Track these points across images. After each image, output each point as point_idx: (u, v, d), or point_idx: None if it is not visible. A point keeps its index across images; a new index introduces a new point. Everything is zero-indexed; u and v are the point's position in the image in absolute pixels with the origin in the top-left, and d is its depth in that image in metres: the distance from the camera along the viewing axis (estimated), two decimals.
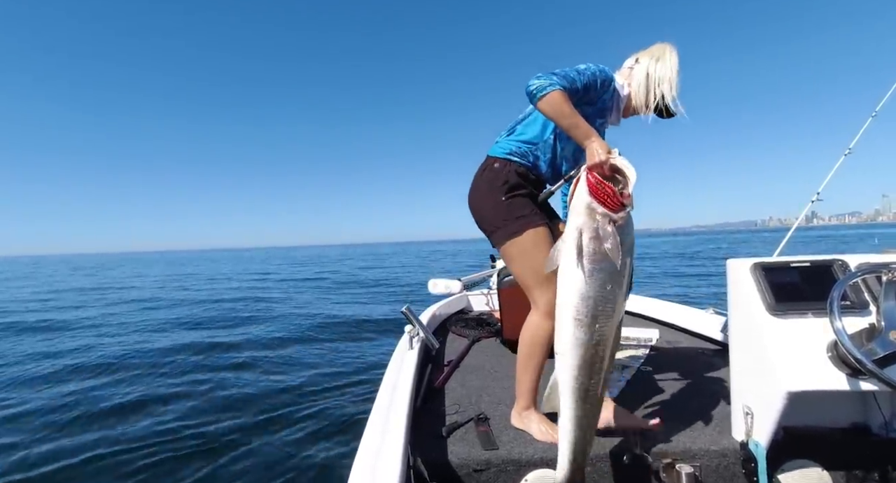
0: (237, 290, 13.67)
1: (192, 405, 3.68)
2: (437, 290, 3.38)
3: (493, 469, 1.26)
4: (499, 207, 1.44)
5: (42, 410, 3.58)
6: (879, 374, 0.96)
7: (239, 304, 10.24)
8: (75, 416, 3.43)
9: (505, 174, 1.46)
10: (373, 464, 1.02)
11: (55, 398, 3.87)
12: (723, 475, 1.27)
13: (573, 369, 1.08)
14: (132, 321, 8.23)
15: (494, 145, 1.55)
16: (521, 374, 1.47)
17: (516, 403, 1.50)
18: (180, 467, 2.63)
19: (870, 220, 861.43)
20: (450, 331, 2.95)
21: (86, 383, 4.34)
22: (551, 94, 1.26)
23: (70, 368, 4.89)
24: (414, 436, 1.32)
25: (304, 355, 5.34)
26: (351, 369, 4.59)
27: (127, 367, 4.92)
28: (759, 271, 1.25)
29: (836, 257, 1.26)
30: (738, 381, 1.30)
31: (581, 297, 1.07)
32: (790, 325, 1.16)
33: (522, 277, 1.44)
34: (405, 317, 2.23)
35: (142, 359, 5.21)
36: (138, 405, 3.67)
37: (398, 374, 1.68)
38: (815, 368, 1.10)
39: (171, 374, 4.66)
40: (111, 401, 3.76)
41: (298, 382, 4.24)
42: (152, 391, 4.03)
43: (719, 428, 1.38)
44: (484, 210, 1.49)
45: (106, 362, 5.07)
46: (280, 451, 2.81)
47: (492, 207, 1.46)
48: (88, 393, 4.01)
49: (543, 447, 1.31)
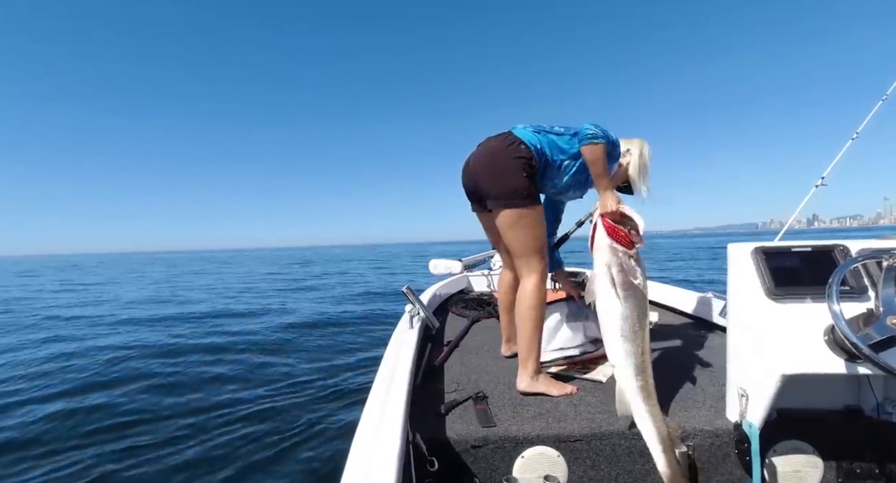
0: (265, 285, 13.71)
1: (196, 381, 3.75)
2: (437, 271, 3.39)
3: (491, 446, 1.28)
4: (520, 180, 1.56)
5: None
6: (875, 358, 0.97)
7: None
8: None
9: (528, 157, 1.59)
10: (372, 439, 1.04)
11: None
12: (716, 455, 1.29)
13: (633, 376, 1.30)
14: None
15: (522, 129, 1.66)
16: (529, 339, 1.58)
17: (525, 369, 1.58)
18: (175, 436, 2.70)
19: (871, 224, 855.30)
20: (450, 311, 2.97)
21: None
22: (600, 145, 1.50)
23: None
24: (413, 413, 1.34)
25: (307, 335, 5.40)
26: (352, 347, 4.65)
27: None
28: (759, 255, 1.25)
29: (837, 242, 1.25)
30: (735, 363, 1.31)
31: (622, 318, 1.34)
32: (788, 309, 1.17)
33: (527, 244, 1.60)
34: (406, 296, 2.24)
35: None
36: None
37: (398, 352, 1.70)
38: (811, 352, 1.10)
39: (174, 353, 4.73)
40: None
41: (299, 359, 4.31)
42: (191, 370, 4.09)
43: (714, 409, 1.40)
44: (504, 179, 1.58)
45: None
46: (281, 425, 2.87)
47: (514, 178, 1.57)
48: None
49: (540, 425, 1.33)
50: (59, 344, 5.42)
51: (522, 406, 1.48)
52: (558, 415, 1.40)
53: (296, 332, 5.84)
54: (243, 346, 4.98)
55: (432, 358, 1.97)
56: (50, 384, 3.78)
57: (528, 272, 1.61)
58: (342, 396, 3.31)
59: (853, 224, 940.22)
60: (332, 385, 3.55)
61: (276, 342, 5.31)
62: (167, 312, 8.15)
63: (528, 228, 1.59)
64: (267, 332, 5.90)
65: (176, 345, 5.10)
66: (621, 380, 1.32)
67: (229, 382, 3.77)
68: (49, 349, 5.13)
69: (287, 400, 3.29)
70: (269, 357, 4.52)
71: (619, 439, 1.29)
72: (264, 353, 4.67)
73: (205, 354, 4.64)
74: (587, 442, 1.29)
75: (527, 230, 1.59)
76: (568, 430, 1.31)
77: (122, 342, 5.30)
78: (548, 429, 1.32)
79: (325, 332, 5.94)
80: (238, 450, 2.58)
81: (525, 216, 1.57)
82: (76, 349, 5.02)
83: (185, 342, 5.26)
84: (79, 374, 4.04)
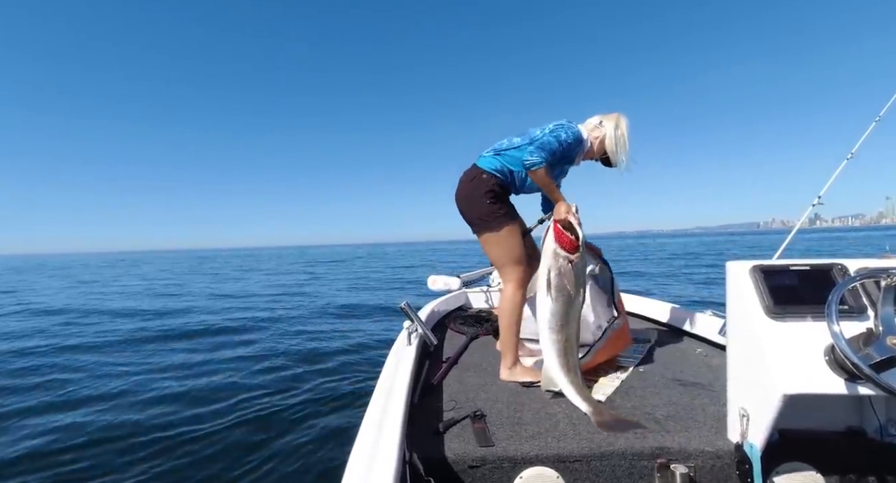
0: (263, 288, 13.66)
1: (177, 395, 3.70)
2: (436, 287, 3.38)
3: (489, 465, 1.26)
4: (483, 208, 1.89)
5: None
6: (876, 378, 0.97)
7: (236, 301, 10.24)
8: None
9: (490, 185, 1.90)
10: (369, 458, 1.02)
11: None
12: (717, 476, 1.27)
13: (556, 357, 1.64)
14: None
15: (482, 159, 1.95)
16: (506, 337, 1.90)
17: (505, 360, 1.91)
18: (172, 460, 2.65)
19: (873, 223, 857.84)
20: (448, 327, 2.95)
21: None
22: (541, 170, 1.80)
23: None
24: (410, 431, 1.32)
25: (304, 347, 5.35)
26: (348, 363, 4.60)
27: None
28: (758, 274, 1.25)
29: (836, 261, 1.26)
30: (735, 383, 1.30)
31: (552, 313, 1.66)
32: (788, 328, 1.16)
33: (499, 258, 1.93)
34: (404, 312, 2.23)
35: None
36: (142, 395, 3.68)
37: (396, 369, 1.68)
38: (811, 372, 1.10)
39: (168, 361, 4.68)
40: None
41: (297, 373, 4.25)
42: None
43: (715, 429, 1.39)
44: (472, 209, 1.93)
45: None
46: (276, 443, 2.82)
47: (478, 207, 1.90)
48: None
49: (539, 445, 1.32)
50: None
51: (521, 425, 1.46)
52: (557, 434, 1.38)
53: (296, 331, 5.79)
54: (231, 349, 4.95)
55: (430, 375, 1.95)
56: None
57: (505, 281, 1.94)
58: (338, 414, 3.27)
59: (855, 223, 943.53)
60: (329, 400, 3.50)
61: (271, 345, 5.28)
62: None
63: (498, 245, 1.90)
64: (265, 332, 5.87)
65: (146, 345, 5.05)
66: (547, 360, 1.65)
67: (212, 393, 3.71)
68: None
69: (277, 413, 3.24)
70: (260, 363, 4.49)
71: (619, 460, 1.27)
72: (258, 360, 4.63)
73: (186, 357, 4.59)
74: (586, 462, 1.27)
75: (498, 247, 1.91)
76: (567, 450, 1.29)
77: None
78: (546, 448, 1.30)
79: (325, 332, 5.92)
80: (227, 469, 2.53)
81: (494, 236, 1.90)
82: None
83: (162, 352, 5.20)
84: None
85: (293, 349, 5.30)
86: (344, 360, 4.73)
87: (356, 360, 4.73)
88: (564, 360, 1.62)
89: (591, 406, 1.52)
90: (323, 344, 5.55)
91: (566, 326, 1.65)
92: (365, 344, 5.46)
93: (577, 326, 1.69)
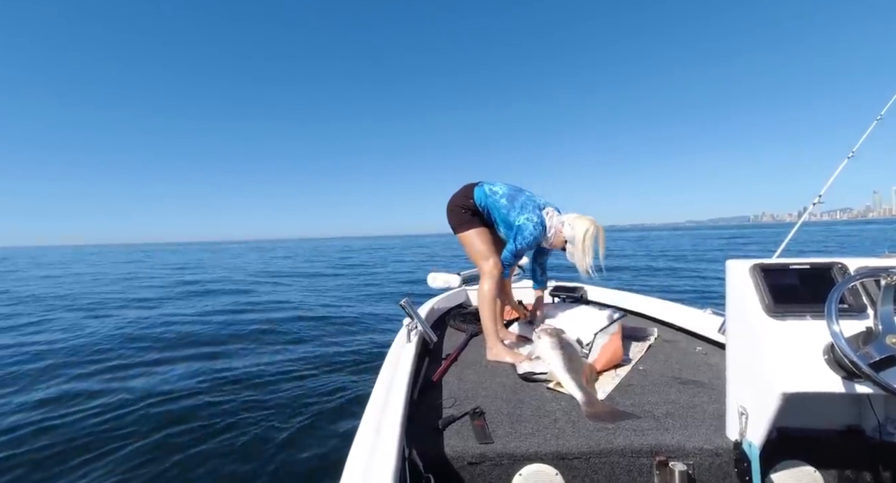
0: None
1: (172, 388, 3.70)
2: (436, 284, 3.38)
3: (488, 462, 1.27)
4: (459, 217, 2.34)
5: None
6: (875, 377, 0.97)
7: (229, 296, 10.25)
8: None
9: (470, 205, 2.33)
10: (368, 454, 1.03)
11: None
12: (716, 474, 1.28)
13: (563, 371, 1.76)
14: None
15: (479, 190, 2.31)
16: (487, 322, 2.20)
17: (489, 342, 2.20)
18: (172, 455, 2.66)
19: (860, 217, 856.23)
20: (448, 325, 2.96)
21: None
22: (500, 272, 2.26)
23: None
24: (410, 428, 1.33)
25: (303, 345, 5.36)
26: (348, 361, 4.60)
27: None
28: (758, 272, 1.25)
29: (836, 260, 1.26)
30: (734, 382, 1.30)
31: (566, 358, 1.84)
32: (788, 326, 1.16)
33: (472, 255, 2.30)
34: (403, 310, 2.23)
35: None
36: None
37: (395, 366, 1.69)
38: (810, 370, 1.10)
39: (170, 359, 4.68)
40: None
41: (296, 370, 4.26)
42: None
43: (714, 427, 1.39)
44: (451, 217, 2.37)
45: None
46: (276, 439, 2.83)
47: (456, 217, 2.35)
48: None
49: (538, 442, 1.32)
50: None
51: (520, 422, 1.46)
52: (556, 431, 1.39)
53: (293, 333, 5.82)
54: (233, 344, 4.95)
55: (430, 372, 1.95)
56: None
57: (481, 275, 2.27)
58: (338, 411, 3.27)
59: (843, 217, 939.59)
60: (328, 398, 3.51)
61: (267, 341, 5.28)
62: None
63: (469, 245, 2.30)
64: (261, 331, 5.89)
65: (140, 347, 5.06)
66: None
67: (212, 388, 3.73)
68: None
69: (277, 408, 3.25)
70: (257, 357, 4.50)
71: (618, 457, 1.28)
72: (253, 354, 4.63)
73: (188, 356, 4.60)
74: (585, 459, 1.28)
75: (469, 247, 2.30)
76: (566, 448, 1.29)
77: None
78: (546, 446, 1.30)
79: (326, 330, 5.91)
80: (224, 465, 2.54)
81: (465, 237, 2.31)
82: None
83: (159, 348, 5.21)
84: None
85: (292, 347, 5.31)
86: (344, 358, 4.74)
87: (356, 357, 4.74)
88: (571, 369, 1.75)
89: (584, 395, 1.59)
90: (322, 342, 5.56)
91: (574, 362, 1.83)
92: (366, 340, 5.48)
93: (582, 361, 1.88)
